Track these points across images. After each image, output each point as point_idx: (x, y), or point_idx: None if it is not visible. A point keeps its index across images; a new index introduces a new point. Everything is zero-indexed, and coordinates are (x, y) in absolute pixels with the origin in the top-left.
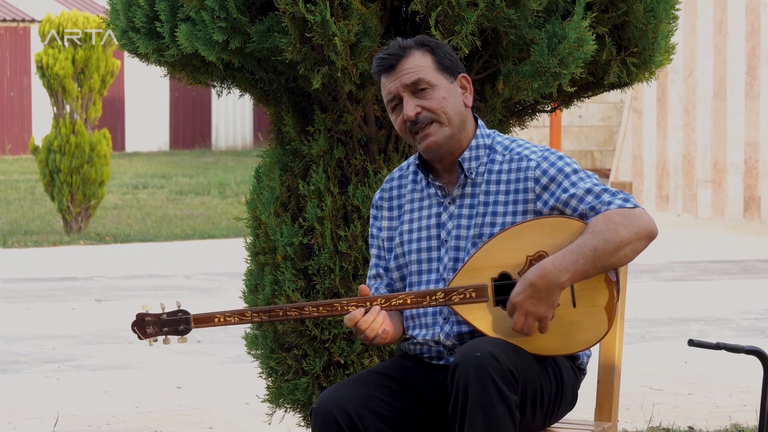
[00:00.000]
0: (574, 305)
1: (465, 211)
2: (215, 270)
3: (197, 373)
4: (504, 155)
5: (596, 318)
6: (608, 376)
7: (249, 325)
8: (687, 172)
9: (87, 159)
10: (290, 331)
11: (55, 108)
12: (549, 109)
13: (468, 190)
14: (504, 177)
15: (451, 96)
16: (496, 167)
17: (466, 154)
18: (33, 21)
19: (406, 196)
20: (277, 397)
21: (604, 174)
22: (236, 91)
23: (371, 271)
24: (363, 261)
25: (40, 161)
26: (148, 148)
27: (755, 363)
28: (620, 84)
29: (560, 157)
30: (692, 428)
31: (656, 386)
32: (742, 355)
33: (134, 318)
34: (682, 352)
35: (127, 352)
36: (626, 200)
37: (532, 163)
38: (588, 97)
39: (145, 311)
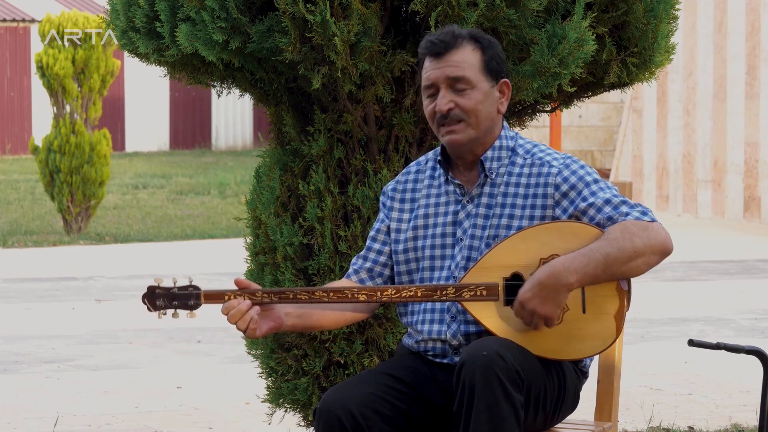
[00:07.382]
0: (584, 311)
1: (482, 211)
2: (215, 270)
3: (197, 373)
4: (525, 159)
5: (604, 325)
6: (608, 376)
7: None
8: (687, 172)
9: (87, 159)
10: (290, 331)
11: (55, 108)
12: (549, 109)
13: (486, 189)
14: (524, 180)
15: (487, 100)
16: (517, 170)
17: (489, 153)
18: (33, 21)
19: (422, 191)
20: (277, 397)
21: (604, 174)
22: (236, 91)
23: (362, 252)
24: None
25: (40, 161)
26: (148, 148)
27: (755, 363)
28: (620, 84)
29: (582, 166)
30: (692, 428)
31: (656, 386)
32: (742, 355)
33: (145, 290)
34: (682, 352)
35: (127, 352)
36: (644, 213)
37: (554, 170)
38: (588, 97)
39: (156, 284)
